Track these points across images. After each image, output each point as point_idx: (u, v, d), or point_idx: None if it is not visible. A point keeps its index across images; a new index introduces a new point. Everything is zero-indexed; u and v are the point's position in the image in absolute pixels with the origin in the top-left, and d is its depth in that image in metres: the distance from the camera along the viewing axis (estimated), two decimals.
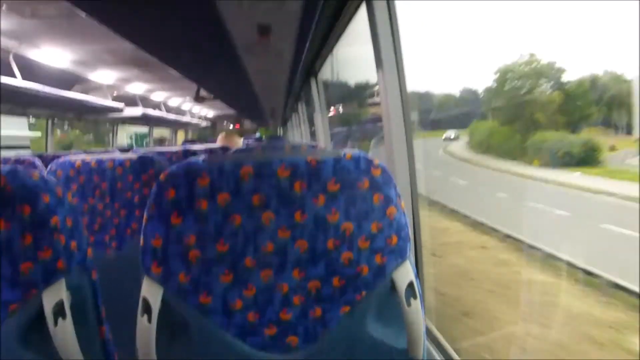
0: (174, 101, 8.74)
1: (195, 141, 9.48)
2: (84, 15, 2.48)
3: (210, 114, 12.80)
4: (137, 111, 6.88)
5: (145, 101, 7.35)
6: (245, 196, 0.95)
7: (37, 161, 2.63)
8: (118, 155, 2.01)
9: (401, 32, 2.14)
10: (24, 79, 3.79)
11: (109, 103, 5.90)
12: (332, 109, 6.38)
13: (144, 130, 12.96)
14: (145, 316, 0.94)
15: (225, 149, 3.88)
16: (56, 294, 0.93)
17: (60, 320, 0.92)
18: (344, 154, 0.98)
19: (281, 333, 0.99)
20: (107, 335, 1.05)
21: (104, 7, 2.34)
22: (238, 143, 4.84)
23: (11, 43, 3.50)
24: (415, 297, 0.98)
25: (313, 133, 6.52)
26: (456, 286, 3.64)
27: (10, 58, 3.65)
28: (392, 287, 0.99)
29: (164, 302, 0.95)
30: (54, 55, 4.04)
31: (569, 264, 3.01)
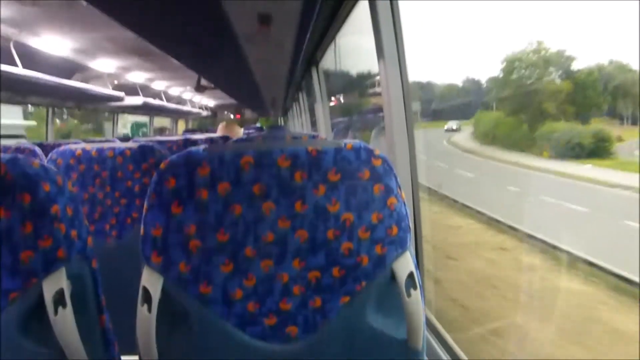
0: (175, 90, 8.71)
1: (196, 131, 9.48)
2: (84, 3, 2.47)
3: (211, 103, 12.76)
4: (138, 100, 6.85)
5: (145, 90, 7.33)
6: (245, 186, 0.95)
7: (38, 150, 2.63)
8: (118, 144, 2.01)
9: (403, 21, 2.13)
10: (24, 67, 3.77)
11: (110, 92, 5.88)
12: (334, 99, 6.35)
13: (142, 120, 12.93)
14: (145, 305, 0.94)
15: (225, 138, 3.88)
16: (56, 282, 0.93)
17: (60, 309, 0.92)
18: (345, 144, 0.98)
19: (281, 323, 1.00)
20: (107, 324, 1.06)
21: None
22: (238, 133, 4.84)
23: (11, 31, 3.48)
24: (415, 288, 0.99)
25: (314, 123, 6.51)
26: (479, 297, 3.37)
27: (11, 46, 3.64)
28: (392, 278, 0.99)
29: (164, 292, 0.96)
30: (55, 43, 4.01)
31: (601, 268, 2.74)
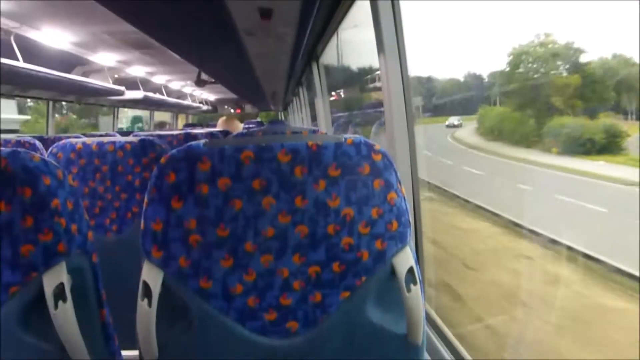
0: (175, 85, 8.70)
1: (196, 125, 9.48)
2: None
3: (212, 98, 12.74)
4: (138, 94, 6.85)
5: (146, 84, 7.32)
6: (245, 181, 0.95)
7: (38, 144, 2.63)
8: (119, 139, 2.01)
9: (405, 15, 2.13)
10: (25, 60, 3.76)
11: (110, 86, 5.87)
12: (334, 94, 6.34)
13: (139, 114, 12.91)
14: (145, 300, 0.94)
15: (226, 133, 3.88)
16: (57, 276, 0.93)
17: (60, 303, 0.92)
18: (345, 139, 0.98)
19: (281, 318, 1.00)
20: (108, 318, 1.06)
21: None
22: (238, 127, 4.84)
23: (12, 24, 3.48)
24: (415, 283, 0.99)
25: (314, 117, 6.50)
26: (512, 319, 2.87)
27: (12, 39, 3.63)
28: (392, 273, 1.00)
29: (164, 286, 0.96)
30: (55, 36, 4.00)
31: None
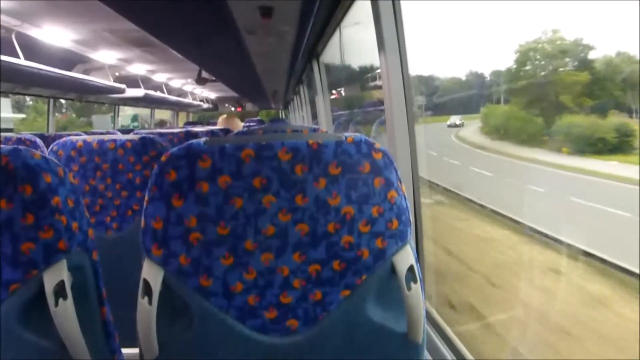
0: (176, 83, 8.70)
1: (197, 123, 9.48)
2: None
3: (212, 96, 12.75)
4: (139, 92, 6.85)
5: (147, 82, 7.32)
6: (246, 179, 0.95)
7: (39, 141, 2.64)
8: (120, 136, 2.01)
9: (406, 13, 2.12)
10: (26, 58, 3.77)
11: (111, 84, 5.87)
12: (335, 92, 6.34)
13: (136, 112, 12.90)
14: (145, 298, 0.94)
15: (226, 131, 3.88)
16: (57, 274, 0.93)
17: (61, 300, 0.92)
18: (345, 138, 0.98)
19: (281, 316, 1.00)
20: (108, 316, 1.06)
21: None
22: (239, 125, 4.84)
23: (14, 22, 3.48)
24: (415, 282, 0.99)
25: (315, 116, 6.50)
26: (557, 354, 2.37)
27: (13, 37, 3.63)
28: (393, 271, 1.00)
29: (165, 284, 0.96)
30: (56, 34, 4.01)
31: None
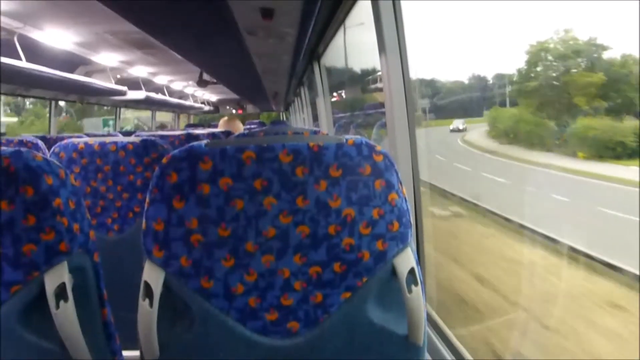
0: (177, 85, 8.72)
1: (198, 126, 9.50)
2: None
3: (213, 98, 12.78)
4: (140, 94, 6.87)
5: (148, 84, 7.33)
6: (247, 181, 0.95)
7: (40, 143, 2.64)
8: (121, 139, 2.01)
9: (408, 16, 2.13)
10: (28, 60, 3.78)
11: (112, 86, 5.89)
12: (336, 95, 6.35)
13: (131, 115, 12.91)
14: (146, 300, 0.94)
15: (227, 133, 3.88)
16: (58, 276, 0.93)
17: (62, 302, 0.92)
18: (346, 140, 0.98)
19: (282, 318, 1.00)
20: (109, 318, 1.06)
21: None
22: (240, 127, 4.85)
23: (16, 24, 3.49)
24: (416, 284, 0.99)
25: (316, 117, 6.51)
26: None
27: (15, 39, 3.64)
28: (393, 273, 1.00)
29: (166, 286, 0.96)
30: (58, 36, 4.02)
31: None
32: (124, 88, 6.22)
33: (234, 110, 14.47)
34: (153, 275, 0.96)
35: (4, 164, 0.91)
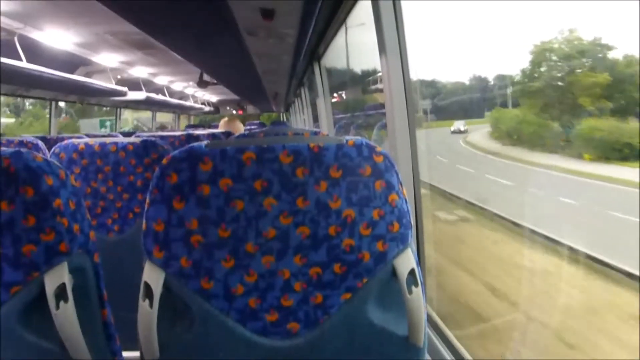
0: (178, 86, 8.72)
1: (198, 126, 9.50)
2: None
3: (214, 99, 12.78)
4: (141, 95, 6.87)
5: (148, 85, 7.33)
6: (247, 181, 0.95)
7: (41, 144, 2.64)
8: (121, 139, 2.01)
9: (410, 16, 2.13)
10: (28, 61, 3.78)
11: (113, 86, 5.89)
12: (336, 96, 6.35)
13: (130, 116, 12.89)
14: (146, 300, 0.94)
15: (227, 134, 3.88)
16: (58, 276, 0.93)
17: (62, 302, 0.92)
18: (346, 141, 0.98)
19: (282, 319, 1.00)
20: (109, 318, 1.06)
21: None
22: (240, 128, 4.84)
23: (16, 25, 3.49)
24: (416, 285, 0.99)
25: (316, 118, 6.51)
26: None
27: (15, 40, 3.64)
28: (394, 274, 1.00)
29: (166, 287, 0.96)
30: (58, 37, 4.02)
31: None
32: (124, 89, 6.22)
33: (234, 111, 14.47)
34: (153, 276, 0.95)
35: (4, 165, 0.91)
